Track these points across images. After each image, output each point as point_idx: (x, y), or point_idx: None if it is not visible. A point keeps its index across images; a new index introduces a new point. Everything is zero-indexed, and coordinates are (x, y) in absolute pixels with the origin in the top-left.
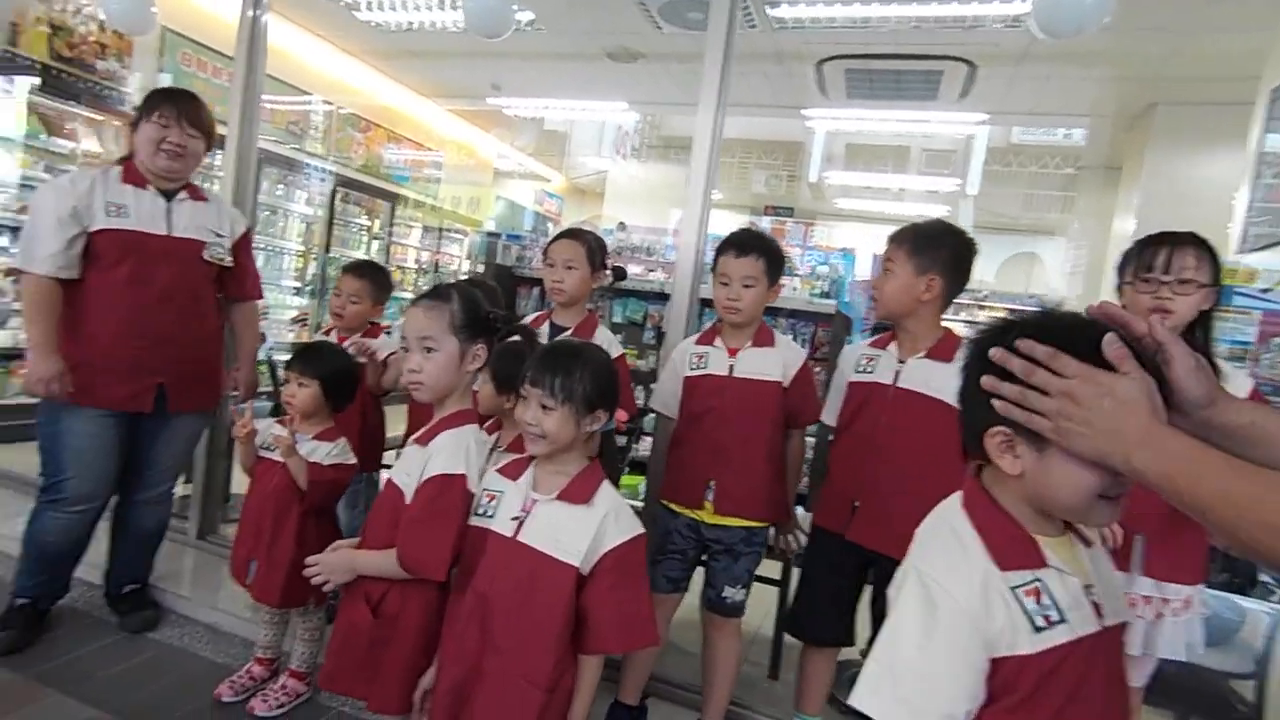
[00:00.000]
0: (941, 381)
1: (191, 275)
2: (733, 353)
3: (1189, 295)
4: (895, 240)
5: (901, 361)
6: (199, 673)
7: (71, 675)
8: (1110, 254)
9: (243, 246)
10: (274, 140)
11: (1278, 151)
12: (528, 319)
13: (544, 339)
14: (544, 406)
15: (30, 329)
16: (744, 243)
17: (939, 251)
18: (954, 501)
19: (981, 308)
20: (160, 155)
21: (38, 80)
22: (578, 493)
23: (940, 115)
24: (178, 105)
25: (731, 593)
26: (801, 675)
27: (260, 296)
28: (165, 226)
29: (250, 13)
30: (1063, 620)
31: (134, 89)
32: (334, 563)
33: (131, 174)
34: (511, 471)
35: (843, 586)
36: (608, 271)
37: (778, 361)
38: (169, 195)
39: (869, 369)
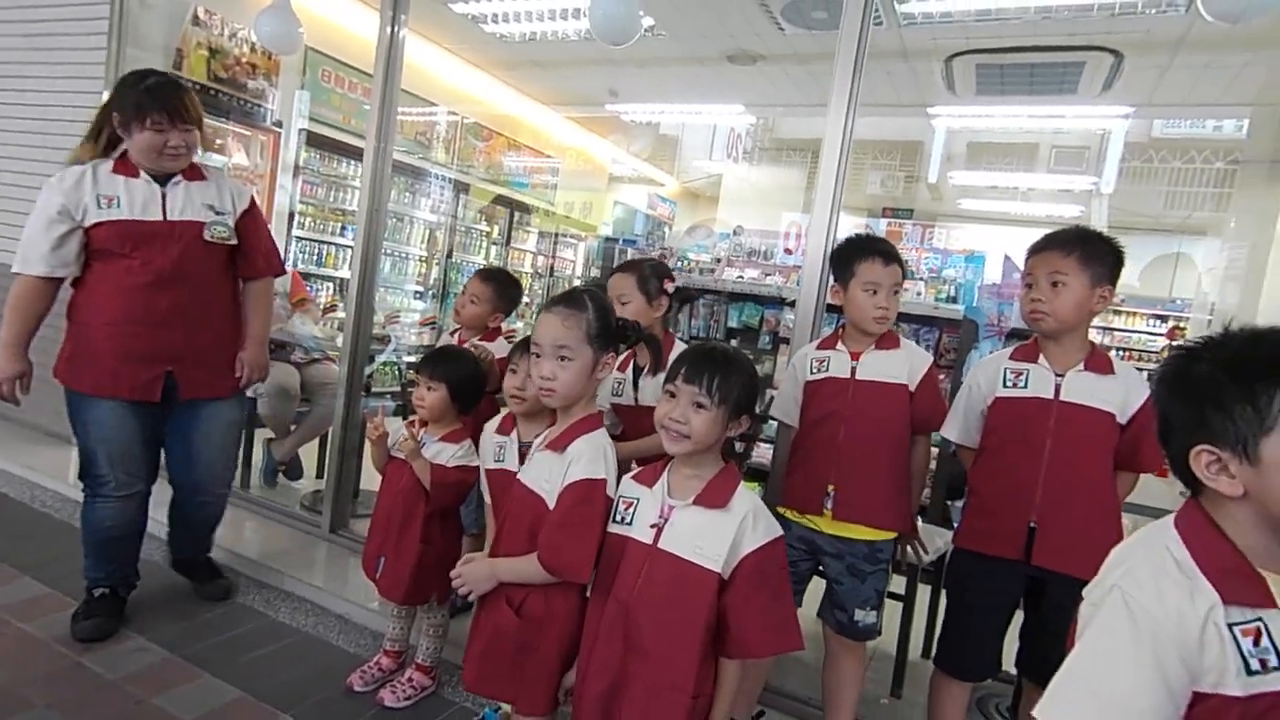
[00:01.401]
0: (1106, 394)
1: (194, 258)
2: (855, 356)
3: None
4: (1061, 248)
5: (1060, 375)
6: (332, 661)
7: (220, 658)
8: (1275, 254)
9: (248, 222)
10: (403, 151)
11: None
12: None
13: (629, 380)
14: (698, 405)
15: (4, 329)
16: (889, 251)
17: (1107, 259)
18: (1166, 523)
19: (1118, 312)
20: (165, 159)
21: None
22: (715, 496)
23: (1078, 110)
24: (168, 107)
25: (863, 615)
26: (940, 706)
27: (277, 272)
28: (160, 212)
29: (389, 30)
30: None
31: (275, 105)
32: (476, 572)
33: (122, 166)
34: (647, 478)
35: (1006, 616)
36: (666, 297)
37: (903, 365)
38: (162, 180)
39: (1020, 383)
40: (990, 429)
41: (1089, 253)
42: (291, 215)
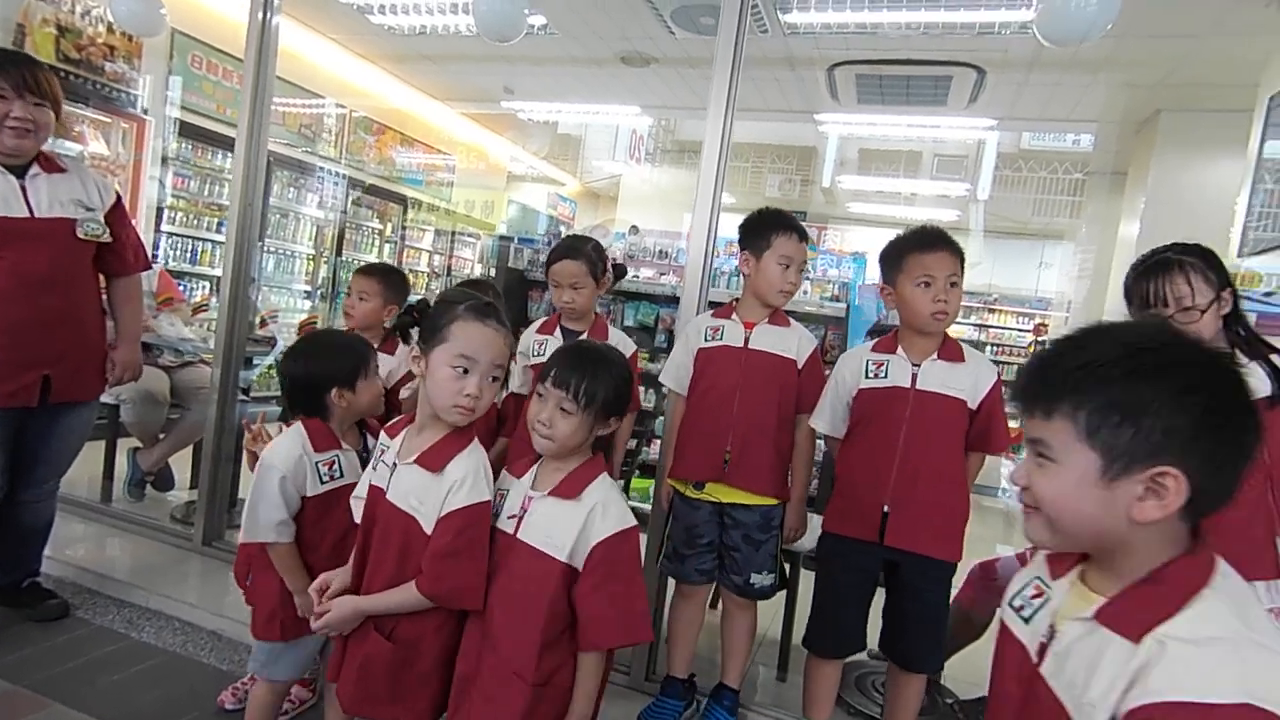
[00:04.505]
0: (957, 381)
1: (67, 257)
2: (748, 326)
3: (1197, 321)
4: (951, 250)
5: (917, 365)
6: (202, 680)
7: (72, 684)
8: (1116, 258)
9: (117, 216)
10: (285, 144)
11: (1277, 158)
12: (536, 323)
13: (558, 344)
14: (563, 410)
15: None
16: (803, 230)
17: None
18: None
19: (991, 310)
20: (5, 134)
21: None
22: (568, 488)
23: (949, 121)
24: (13, 74)
25: (759, 579)
26: (812, 683)
27: (146, 267)
28: (25, 208)
29: (260, 15)
30: None
31: (144, 92)
32: (344, 616)
33: None
34: (520, 470)
35: (864, 595)
36: (609, 275)
37: (794, 341)
38: (18, 172)
39: (881, 374)
40: (854, 419)
41: (961, 254)
42: (161, 210)
